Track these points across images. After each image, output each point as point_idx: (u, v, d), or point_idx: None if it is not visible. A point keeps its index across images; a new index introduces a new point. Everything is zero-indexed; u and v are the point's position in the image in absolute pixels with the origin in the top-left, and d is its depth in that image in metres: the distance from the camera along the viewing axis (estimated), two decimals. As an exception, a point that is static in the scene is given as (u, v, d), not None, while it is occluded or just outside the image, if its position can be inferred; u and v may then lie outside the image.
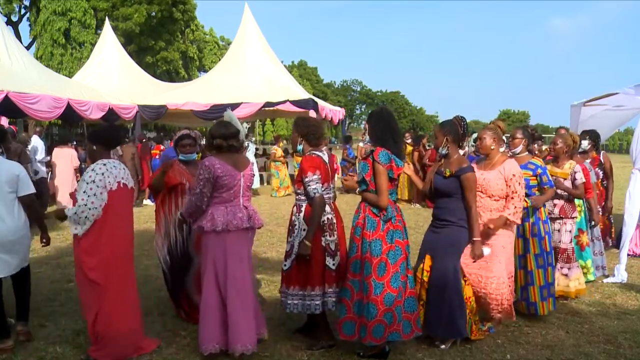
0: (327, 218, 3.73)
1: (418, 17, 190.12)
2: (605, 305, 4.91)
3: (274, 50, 16.18)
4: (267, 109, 14.22)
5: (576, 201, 5.23)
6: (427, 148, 12.24)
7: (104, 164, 3.57)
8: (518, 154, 4.57)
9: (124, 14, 27.65)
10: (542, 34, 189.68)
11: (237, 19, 19.07)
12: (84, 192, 3.44)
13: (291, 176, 16.44)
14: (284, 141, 16.24)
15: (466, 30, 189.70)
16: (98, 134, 3.72)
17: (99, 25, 25.35)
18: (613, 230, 6.45)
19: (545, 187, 4.47)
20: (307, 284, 3.70)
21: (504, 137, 4.26)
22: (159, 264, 4.51)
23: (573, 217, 4.96)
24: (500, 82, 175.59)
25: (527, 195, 4.32)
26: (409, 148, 12.18)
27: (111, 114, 12.85)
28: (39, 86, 10.41)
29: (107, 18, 19.05)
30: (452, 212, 3.80)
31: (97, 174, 3.49)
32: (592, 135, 6.22)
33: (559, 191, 4.87)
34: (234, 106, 13.64)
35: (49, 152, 10.81)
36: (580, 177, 4.90)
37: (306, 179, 3.67)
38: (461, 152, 4.10)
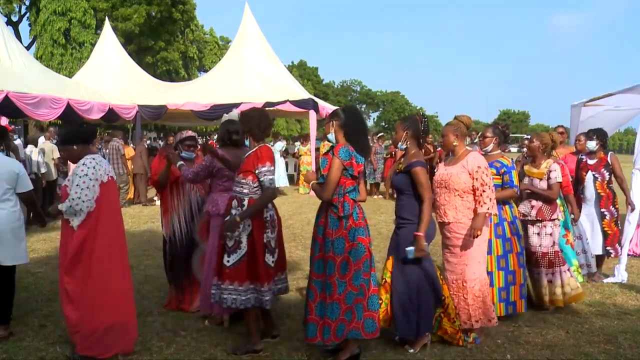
0: (270, 215, 3.73)
1: (418, 17, 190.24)
2: (605, 305, 4.90)
3: (274, 50, 16.18)
4: (267, 109, 14.22)
5: (557, 200, 5.04)
6: (436, 149, 11.99)
7: (93, 158, 3.61)
8: (490, 152, 4.47)
9: (123, 14, 27.65)
10: (543, 34, 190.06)
11: (237, 19, 19.10)
12: (77, 185, 3.48)
13: (290, 176, 16.44)
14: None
15: (466, 29, 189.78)
16: (73, 135, 3.69)
17: (99, 25, 25.32)
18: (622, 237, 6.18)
19: (506, 186, 4.32)
20: (258, 280, 3.67)
21: (466, 132, 4.11)
22: (164, 253, 4.74)
23: (553, 219, 4.69)
24: (500, 82, 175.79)
25: None
26: None
27: (111, 114, 12.85)
28: (39, 86, 10.41)
29: (107, 18, 19.07)
30: (407, 209, 3.69)
31: (88, 167, 3.54)
32: (599, 135, 5.84)
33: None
34: (234, 106, 13.62)
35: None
36: (554, 177, 4.63)
37: (264, 169, 3.63)
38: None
